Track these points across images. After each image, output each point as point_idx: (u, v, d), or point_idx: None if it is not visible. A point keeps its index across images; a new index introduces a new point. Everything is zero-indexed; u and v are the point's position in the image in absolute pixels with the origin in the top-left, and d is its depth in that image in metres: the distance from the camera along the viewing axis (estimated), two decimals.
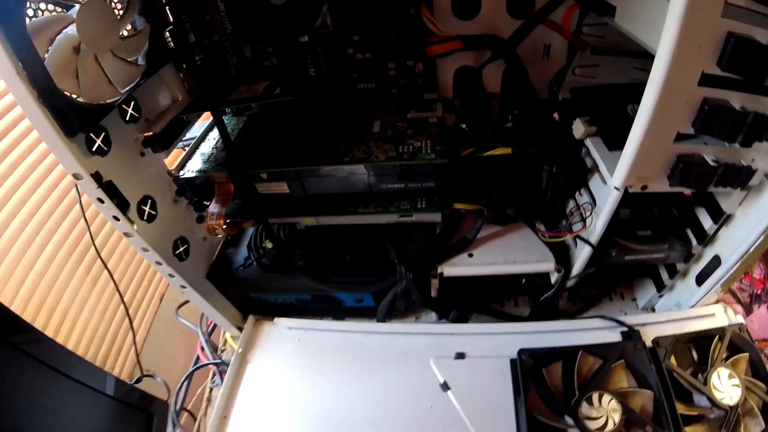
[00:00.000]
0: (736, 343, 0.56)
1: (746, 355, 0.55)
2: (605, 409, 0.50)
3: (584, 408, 0.51)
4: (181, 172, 0.61)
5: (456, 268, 0.59)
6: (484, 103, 0.62)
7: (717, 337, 0.56)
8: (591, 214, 0.57)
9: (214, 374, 0.73)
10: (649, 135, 0.41)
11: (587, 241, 0.57)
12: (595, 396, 0.51)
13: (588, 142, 0.53)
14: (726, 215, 0.53)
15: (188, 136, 0.66)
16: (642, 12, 0.42)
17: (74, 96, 0.43)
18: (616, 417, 0.49)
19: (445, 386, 0.56)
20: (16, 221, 0.90)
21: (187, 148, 0.66)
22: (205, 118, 0.70)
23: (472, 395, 0.55)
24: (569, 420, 0.51)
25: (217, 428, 0.59)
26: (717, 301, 0.63)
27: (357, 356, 0.59)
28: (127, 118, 0.51)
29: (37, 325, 0.84)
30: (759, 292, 1.39)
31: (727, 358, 0.55)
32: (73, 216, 1.00)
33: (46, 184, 0.97)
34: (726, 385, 0.52)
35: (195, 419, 0.77)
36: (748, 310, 1.37)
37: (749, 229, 0.50)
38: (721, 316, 0.61)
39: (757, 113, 0.40)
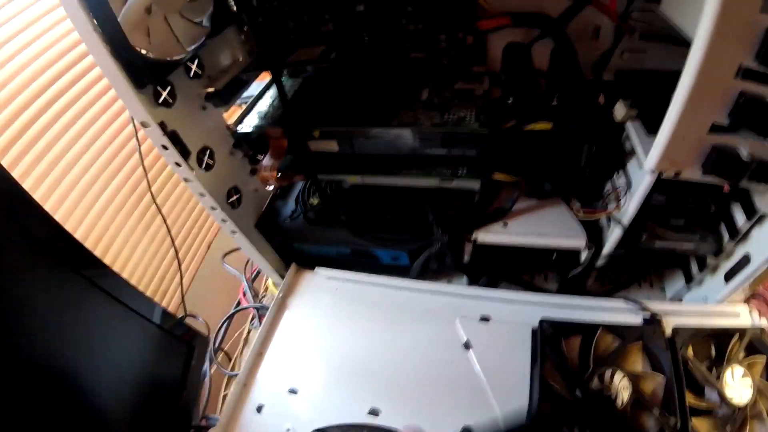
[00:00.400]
0: (755, 345, 0.56)
1: (764, 358, 0.55)
2: (616, 387, 0.51)
3: (595, 383, 0.52)
4: (239, 127, 0.65)
5: (490, 235, 0.61)
6: (531, 80, 0.63)
7: (737, 335, 0.55)
8: (625, 195, 0.58)
9: (253, 317, 0.79)
10: (683, 121, 0.42)
11: (619, 222, 0.58)
12: (608, 372, 0.52)
13: (628, 125, 0.54)
14: (760, 214, 0.53)
15: (247, 94, 0.71)
16: (685, 1, 0.43)
17: (144, 51, 0.46)
18: (625, 395, 0.51)
19: (467, 345, 0.59)
20: (80, 164, 0.98)
21: (245, 105, 0.70)
22: (263, 78, 0.74)
23: (491, 356, 0.58)
24: (579, 393, 0.52)
25: (252, 362, 0.65)
26: (744, 301, 0.63)
27: (388, 309, 0.63)
28: (192, 75, 0.55)
29: None
30: None
31: (744, 359, 0.54)
32: (132, 164, 1.07)
33: (108, 133, 1.04)
34: (738, 384, 0.52)
35: (230, 359, 0.84)
36: None
37: None
38: (745, 316, 0.61)
39: None
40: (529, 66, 0.64)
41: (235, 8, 0.61)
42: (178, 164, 0.55)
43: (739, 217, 0.56)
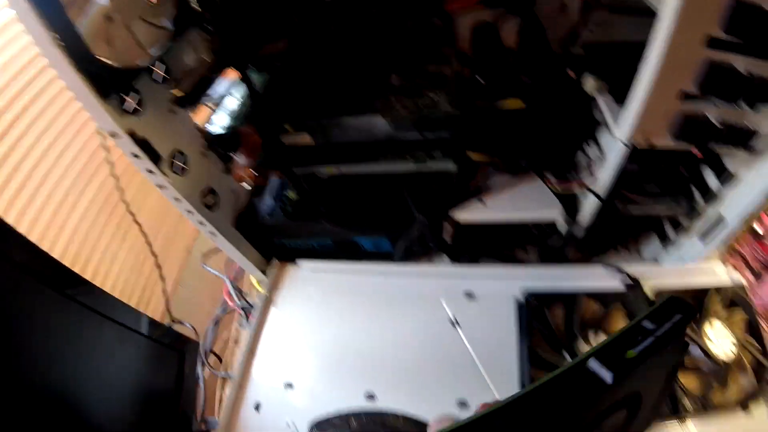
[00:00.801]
0: (734, 300, 0.58)
1: (743, 313, 0.57)
2: None
3: (582, 346, 0.53)
4: (210, 127, 0.64)
5: (469, 214, 0.63)
6: (502, 58, 0.64)
7: (715, 293, 0.57)
8: (599, 166, 0.59)
9: (239, 317, 0.78)
10: (653, 91, 0.43)
11: (594, 193, 0.59)
12: (593, 335, 0.54)
13: (598, 97, 0.55)
14: (731, 176, 0.54)
15: (216, 93, 0.70)
16: None
17: (108, 61, 0.45)
18: None
19: (454, 322, 0.60)
20: (50, 180, 0.95)
21: (215, 105, 0.69)
22: (231, 75, 0.73)
23: (478, 330, 0.60)
24: (568, 357, 0.54)
25: (245, 362, 0.64)
26: (720, 260, 0.65)
27: (374, 294, 0.64)
28: (158, 79, 0.53)
29: None
30: None
31: (724, 315, 0.56)
32: (102, 175, 1.04)
33: (77, 144, 1.01)
34: (720, 339, 0.53)
35: (221, 360, 0.83)
36: (758, 279, 1.39)
37: (753, 190, 0.52)
38: (722, 273, 0.63)
39: (761, 78, 0.41)
40: (499, 45, 0.64)
41: (198, 8, 0.60)
42: (150, 171, 0.54)
43: (711, 180, 0.58)
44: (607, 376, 0.26)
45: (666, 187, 0.63)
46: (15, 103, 0.91)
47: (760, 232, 1.46)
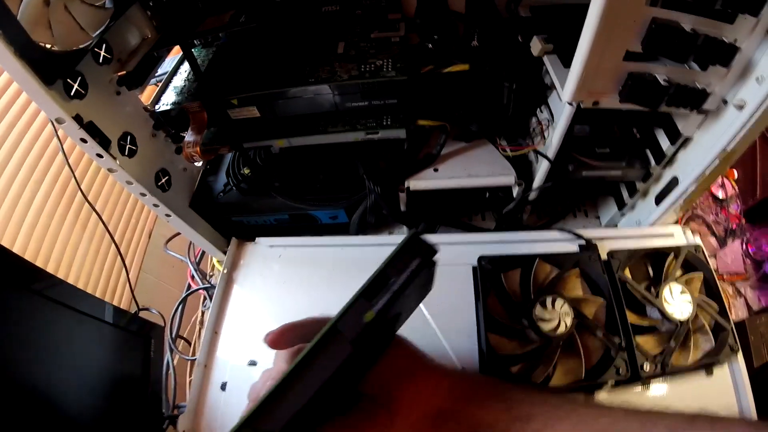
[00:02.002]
0: (691, 262, 0.58)
1: (700, 274, 0.57)
2: (558, 312, 0.53)
3: (538, 310, 0.53)
4: (157, 107, 0.62)
5: (422, 182, 0.63)
6: (449, 23, 0.63)
7: (672, 254, 0.58)
8: (549, 129, 0.59)
9: (204, 299, 0.78)
10: (596, 50, 0.42)
11: (545, 156, 0.60)
12: (549, 300, 0.53)
13: (546, 59, 0.55)
14: (684, 138, 0.55)
15: (161, 71, 0.68)
16: None
17: (49, 46, 0.44)
18: (568, 320, 0.52)
19: None
20: (4, 175, 0.92)
21: (160, 83, 0.67)
22: (176, 53, 0.71)
23: (436, 299, 0.58)
24: (525, 322, 0.54)
25: (209, 342, 0.64)
26: (679, 222, 0.67)
27: (333, 267, 0.63)
28: (101, 61, 0.52)
29: None
30: (734, 227, 1.44)
31: (681, 276, 0.57)
32: (57, 164, 1.02)
33: (28, 138, 0.98)
34: (677, 300, 0.54)
35: (191, 344, 0.83)
36: (722, 244, 1.43)
37: (705, 151, 0.52)
38: (679, 236, 0.64)
39: (708, 36, 0.41)
40: (445, 9, 0.63)
41: None
42: (99, 155, 0.52)
43: (664, 142, 0.59)
44: (345, 346, 0.27)
45: (619, 150, 0.63)
46: None
47: (721, 197, 1.50)
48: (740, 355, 0.54)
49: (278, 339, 0.34)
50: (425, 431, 0.33)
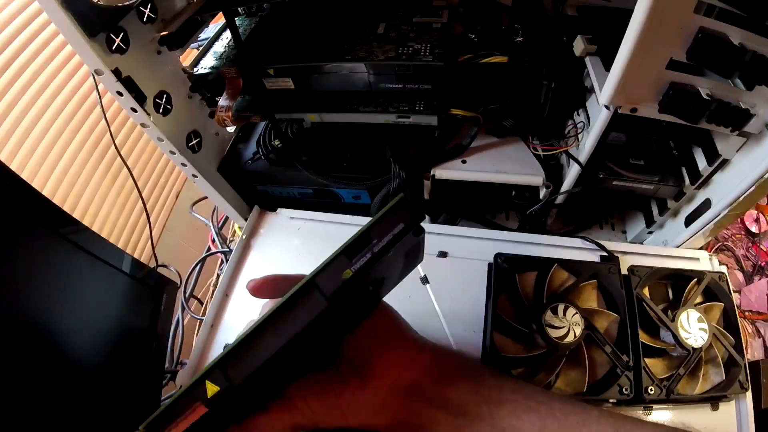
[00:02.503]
0: (713, 290, 0.56)
1: (721, 304, 0.55)
2: (568, 321, 0.52)
3: (548, 315, 0.52)
4: (195, 69, 0.64)
5: (448, 171, 0.62)
6: (493, 14, 0.62)
7: (695, 279, 0.55)
8: (584, 132, 0.58)
9: (221, 263, 0.79)
10: (638, 54, 0.41)
11: (576, 159, 0.58)
12: (561, 307, 0.52)
13: (588, 60, 0.53)
14: (721, 159, 0.53)
15: (203, 36, 0.69)
16: None
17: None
18: (578, 330, 0.51)
19: (424, 280, 0.60)
20: (43, 121, 0.96)
21: (201, 48, 0.68)
22: (220, 19, 0.72)
23: (447, 291, 0.59)
24: (533, 326, 0.53)
25: (219, 304, 0.66)
26: (708, 249, 0.64)
27: None
28: (144, 19, 0.53)
29: None
30: (763, 264, 1.38)
31: (701, 303, 0.55)
32: (94, 117, 1.05)
33: (69, 88, 1.01)
34: (693, 327, 0.52)
35: (202, 305, 0.85)
36: (749, 280, 1.37)
37: (742, 176, 0.50)
38: (704, 261, 0.62)
39: (756, 53, 0.39)
40: (491, 0, 0.62)
41: None
42: (134, 110, 0.54)
43: (701, 161, 0.56)
44: (321, 301, 0.27)
45: (654, 163, 0.61)
46: (9, 46, 0.92)
47: (755, 231, 1.44)
48: (749, 394, 0.52)
49: (260, 287, 0.34)
50: (395, 401, 0.33)
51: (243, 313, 0.64)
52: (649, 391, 0.50)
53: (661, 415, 0.52)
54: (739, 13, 0.38)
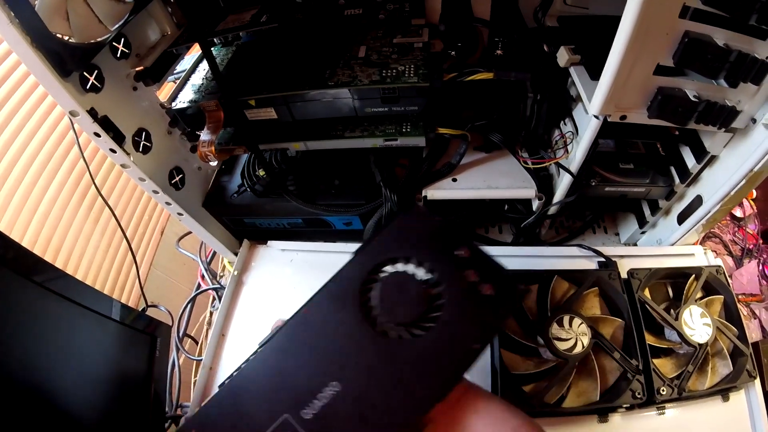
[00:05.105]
0: (712, 284, 0.57)
1: (721, 297, 0.56)
2: (575, 332, 0.52)
3: (554, 329, 0.52)
4: (173, 104, 0.62)
5: (440, 191, 0.61)
6: (473, 30, 0.62)
7: (693, 275, 0.56)
8: (573, 142, 0.58)
9: (213, 299, 0.77)
10: (626, 63, 0.41)
11: (567, 169, 0.58)
12: (566, 318, 0.52)
13: (572, 71, 0.53)
14: (710, 156, 0.53)
15: (179, 68, 0.67)
16: None
17: (66, 37, 0.44)
18: (585, 340, 0.51)
19: None
20: (19, 166, 0.92)
21: (178, 81, 0.67)
22: (196, 51, 0.70)
23: None
24: (540, 340, 0.52)
25: (216, 344, 0.63)
26: (699, 243, 0.65)
27: None
28: (118, 55, 0.52)
29: None
30: (751, 247, 1.41)
31: (701, 298, 0.55)
32: (72, 158, 1.02)
33: (44, 130, 0.98)
34: (697, 323, 0.53)
35: (197, 343, 0.82)
36: (738, 264, 1.40)
37: (732, 171, 0.50)
38: (700, 256, 0.63)
39: (741, 52, 0.40)
40: (470, 15, 0.62)
41: None
42: (113, 150, 0.52)
43: (689, 160, 0.57)
44: None
45: (643, 166, 0.62)
46: None
47: (739, 216, 1.47)
48: (758, 382, 0.53)
49: None
50: None
51: (241, 351, 0.62)
52: (662, 391, 0.50)
53: (673, 413, 0.52)
54: (721, 15, 0.38)
